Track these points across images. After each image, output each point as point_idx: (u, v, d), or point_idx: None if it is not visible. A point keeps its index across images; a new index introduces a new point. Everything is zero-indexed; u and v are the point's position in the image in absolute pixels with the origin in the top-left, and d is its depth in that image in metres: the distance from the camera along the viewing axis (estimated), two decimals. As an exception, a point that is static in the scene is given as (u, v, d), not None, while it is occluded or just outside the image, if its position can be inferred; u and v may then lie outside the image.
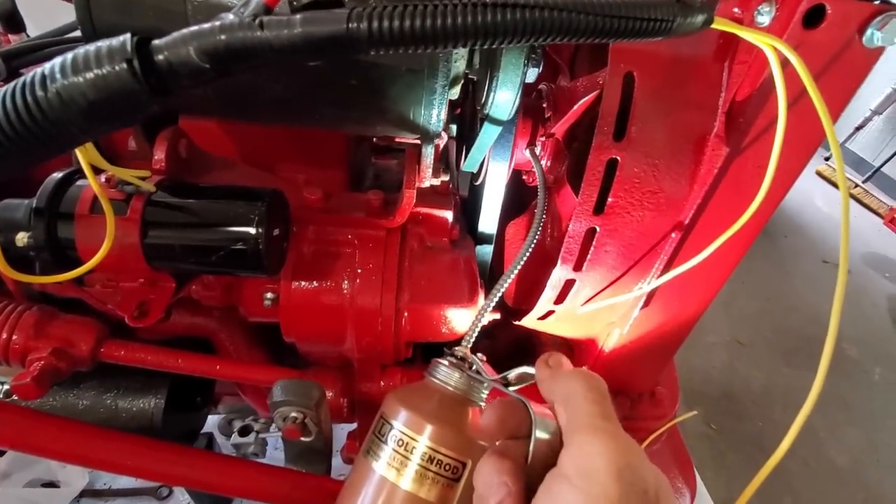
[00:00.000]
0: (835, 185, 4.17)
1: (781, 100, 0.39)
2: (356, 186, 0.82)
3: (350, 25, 0.27)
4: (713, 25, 0.35)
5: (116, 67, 0.27)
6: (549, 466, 0.34)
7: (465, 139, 0.80)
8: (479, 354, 0.44)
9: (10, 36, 0.83)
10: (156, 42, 0.29)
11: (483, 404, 0.43)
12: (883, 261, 3.38)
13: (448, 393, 0.41)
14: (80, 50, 0.28)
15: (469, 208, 0.90)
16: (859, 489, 1.90)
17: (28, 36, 0.82)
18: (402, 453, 0.38)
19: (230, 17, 0.29)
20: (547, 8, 0.28)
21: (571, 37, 0.30)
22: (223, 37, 0.28)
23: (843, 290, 0.36)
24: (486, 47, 0.29)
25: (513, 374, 0.42)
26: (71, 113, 0.28)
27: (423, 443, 0.38)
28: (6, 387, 0.72)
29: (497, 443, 0.38)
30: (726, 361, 2.32)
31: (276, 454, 1.61)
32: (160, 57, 0.28)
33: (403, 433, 0.39)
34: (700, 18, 0.33)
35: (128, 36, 0.28)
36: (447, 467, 0.38)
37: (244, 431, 1.41)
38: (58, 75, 0.27)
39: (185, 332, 0.72)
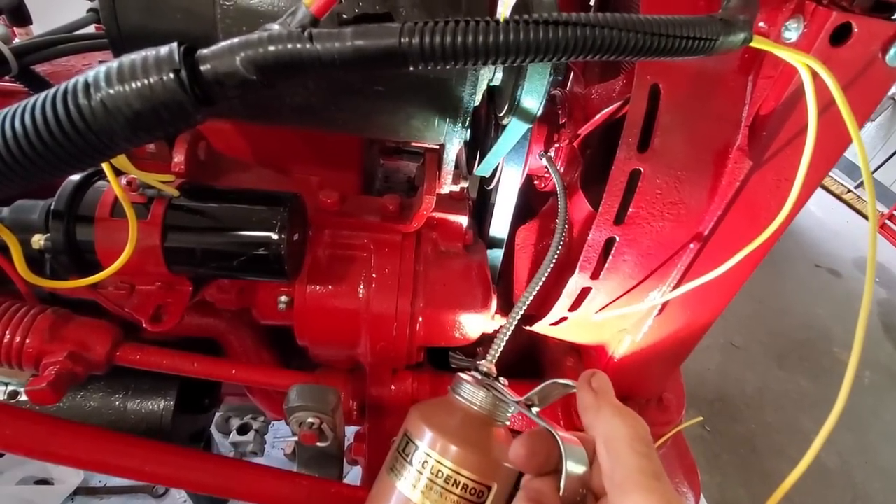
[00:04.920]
0: (828, 190, 4.23)
1: (812, 118, 0.40)
2: (366, 188, 0.82)
3: (402, 40, 0.27)
4: (752, 44, 0.35)
5: (164, 77, 0.27)
6: (581, 500, 0.34)
7: (478, 143, 0.80)
8: (503, 379, 0.44)
9: (16, 29, 0.81)
10: (202, 52, 0.28)
11: (508, 423, 0.43)
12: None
13: (473, 412, 0.41)
14: (126, 59, 0.28)
15: (479, 211, 0.90)
16: (848, 490, 1.94)
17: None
18: (425, 474, 0.38)
19: (276, 27, 0.29)
20: (597, 26, 0.28)
21: (619, 54, 0.30)
22: (272, 48, 0.28)
23: (866, 324, 0.36)
24: (534, 63, 0.29)
25: (537, 392, 0.41)
26: (116, 123, 0.27)
27: (447, 465, 0.38)
28: (10, 388, 0.71)
29: (528, 478, 0.37)
30: (720, 364, 2.34)
31: (273, 452, 1.60)
32: (206, 67, 0.28)
33: (427, 454, 0.39)
34: (741, 37, 0.33)
35: (174, 45, 0.27)
36: (472, 491, 0.38)
37: (243, 430, 1.40)
38: (102, 84, 0.27)
39: (194, 334, 0.72)
